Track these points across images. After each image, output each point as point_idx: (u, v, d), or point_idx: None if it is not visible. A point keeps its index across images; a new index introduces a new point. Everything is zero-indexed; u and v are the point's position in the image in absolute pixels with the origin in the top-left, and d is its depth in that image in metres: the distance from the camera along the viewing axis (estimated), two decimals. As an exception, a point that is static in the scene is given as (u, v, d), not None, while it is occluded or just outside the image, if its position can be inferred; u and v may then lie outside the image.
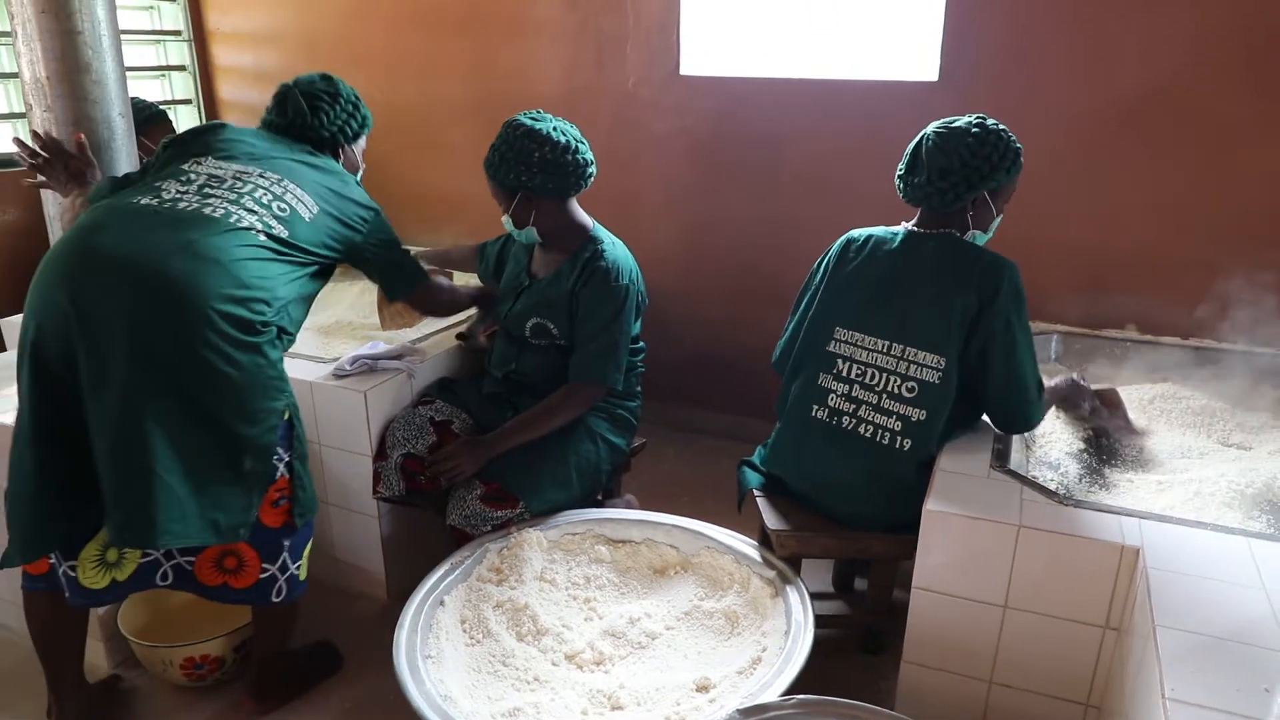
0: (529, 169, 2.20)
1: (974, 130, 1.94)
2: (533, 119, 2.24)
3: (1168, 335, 2.74)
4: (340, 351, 2.52)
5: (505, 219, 2.31)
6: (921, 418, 1.99)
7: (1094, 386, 2.29)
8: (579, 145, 2.26)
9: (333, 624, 2.39)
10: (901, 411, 2.00)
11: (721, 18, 3.18)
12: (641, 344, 2.50)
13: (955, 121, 1.99)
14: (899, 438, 2.00)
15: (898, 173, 2.07)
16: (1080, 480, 2.07)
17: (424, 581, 1.99)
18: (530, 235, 2.32)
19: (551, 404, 2.28)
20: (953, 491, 1.79)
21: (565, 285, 2.29)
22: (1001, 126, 1.98)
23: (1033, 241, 2.81)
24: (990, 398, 2.01)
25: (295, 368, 2.38)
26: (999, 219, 2.07)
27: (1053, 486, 1.96)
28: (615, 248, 2.34)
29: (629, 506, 2.54)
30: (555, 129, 2.23)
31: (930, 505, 1.75)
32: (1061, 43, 2.70)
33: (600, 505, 2.43)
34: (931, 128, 2.01)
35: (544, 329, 2.32)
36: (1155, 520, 1.68)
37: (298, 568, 1.94)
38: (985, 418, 2.10)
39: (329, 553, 2.51)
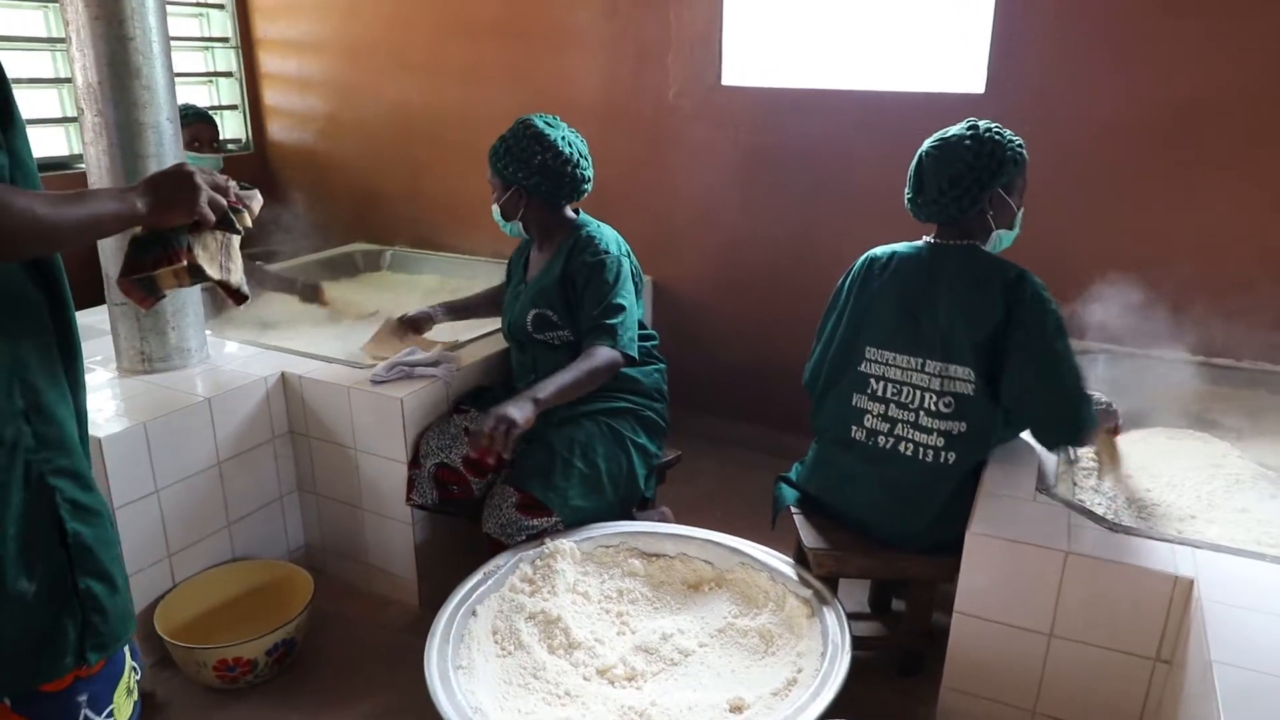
0: (527, 168, 2.26)
1: (969, 134, 1.95)
2: (546, 123, 2.30)
3: (1220, 357, 2.66)
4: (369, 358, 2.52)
5: (494, 207, 2.38)
6: (962, 430, 1.96)
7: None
8: (581, 160, 2.32)
9: (364, 629, 2.39)
10: (941, 427, 1.97)
11: (764, 28, 3.15)
12: (653, 332, 2.50)
13: (948, 133, 1.99)
14: (943, 453, 1.97)
15: (906, 195, 2.06)
16: (1130, 505, 2.02)
17: (457, 590, 1.98)
18: (516, 229, 2.39)
19: (582, 371, 2.17)
20: (997, 514, 1.75)
21: (555, 273, 2.32)
22: (994, 125, 1.97)
23: (1079, 255, 2.76)
24: (1035, 412, 1.96)
25: (333, 372, 2.40)
26: (1021, 212, 2.04)
27: (1100, 511, 1.91)
28: (600, 229, 2.37)
29: (663, 519, 2.52)
30: (563, 139, 2.29)
31: (974, 528, 1.71)
32: (1111, 54, 2.64)
33: (634, 518, 2.41)
34: (927, 144, 2.02)
35: (544, 319, 2.32)
36: (1210, 549, 1.63)
37: (109, 715, 1.31)
38: (1026, 436, 2.06)
39: (362, 559, 2.52)
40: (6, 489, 1.13)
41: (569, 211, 2.40)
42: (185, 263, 1.31)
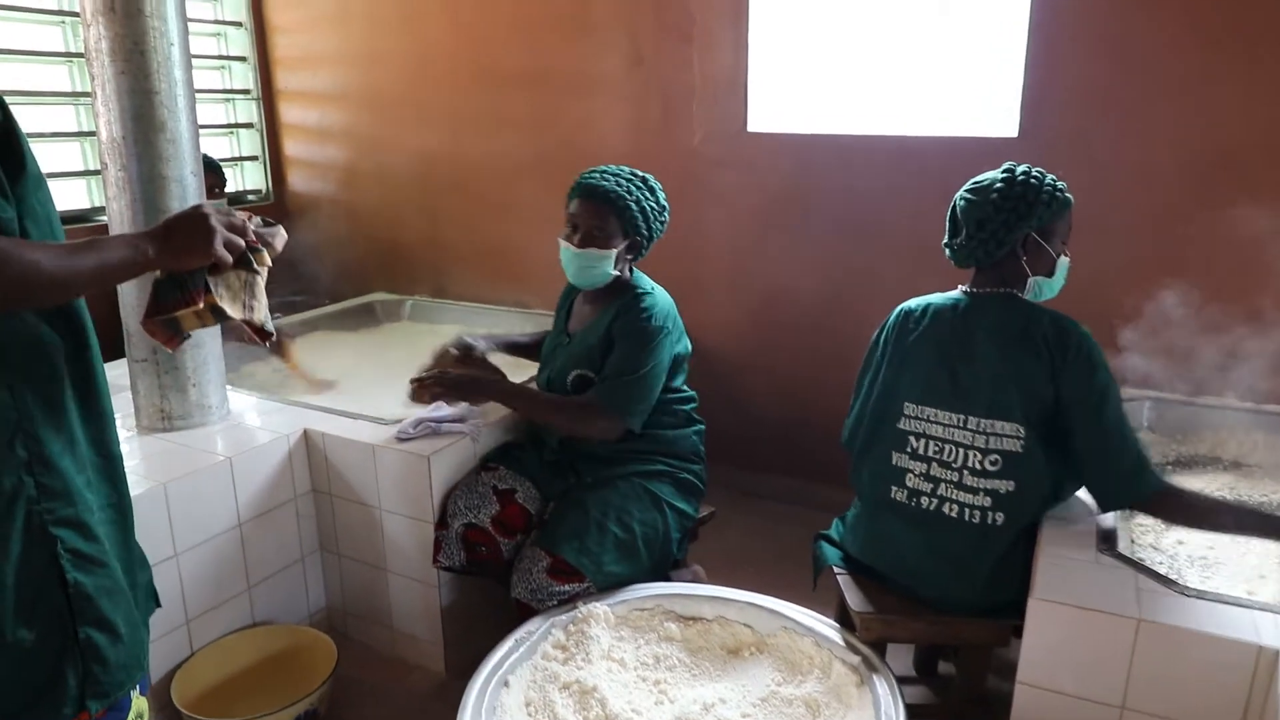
0: (652, 222, 2.25)
1: (1001, 177, 1.89)
2: None
3: (1270, 403, 2.57)
4: (401, 412, 2.45)
5: (584, 252, 2.19)
6: (1010, 489, 1.86)
7: None
8: None
9: (387, 696, 2.30)
10: (988, 486, 1.88)
11: (791, 73, 3.13)
12: (692, 393, 2.41)
13: (984, 177, 1.94)
14: (990, 513, 1.87)
15: (944, 241, 2.01)
16: (1191, 564, 1.92)
17: (487, 659, 1.89)
18: (600, 279, 2.24)
19: (569, 404, 2.22)
20: (1060, 578, 1.65)
21: (600, 331, 2.24)
22: (1035, 170, 1.90)
23: (1120, 301, 2.68)
24: (1086, 471, 1.87)
25: (357, 429, 2.34)
26: (1065, 261, 1.95)
27: (1162, 571, 1.82)
28: (655, 293, 2.29)
29: (695, 578, 2.43)
30: None
31: (1037, 593, 1.61)
32: (1148, 95, 2.59)
33: (667, 578, 2.32)
34: (963, 188, 1.96)
35: (585, 380, 2.24)
36: (1292, 616, 1.53)
37: None
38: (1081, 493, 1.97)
39: (385, 622, 2.43)
40: (6, 539, 1.13)
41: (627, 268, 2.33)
42: (202, 304, 1.31)
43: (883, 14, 2.98)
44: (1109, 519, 1.91)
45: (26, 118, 3.31)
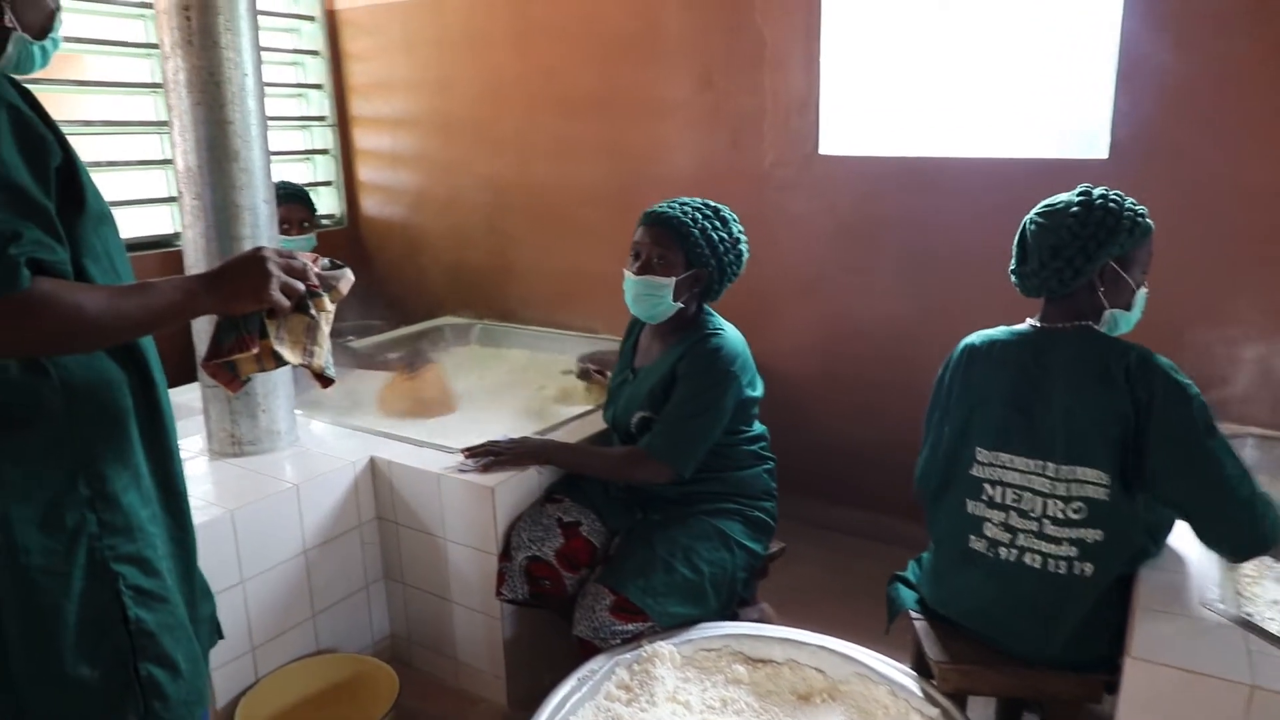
0: (722, 255, 2.16)
1: (1078, 200, 1.74)
2: None
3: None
4: (465, 439, 2.43)
5: (645, 280, 2.15)
6: (1099, 538, 1.72)
7: None
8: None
9: (450, 730, 2.27)
10: (1073, 535, 1.74)
11: (865, 94, 3.04)
12: (762, 429, 2.33)
13: (1057, 199, 1.79)
14: (1077, 564, 1.74)
15: (1010, 268, 1.87)
16: (1308, 621, 1.77)
17: (549, 698, 1.84)
18: (663, 311, 2.18)
19: (611, 456, 2.25)
20: (1160, 636, 1.53)
21: (663, 370, 2.18)
22: (1113, 193, 1.75)
23: (1216, 333, 2.53)
24: (1201, 521, 1.73)
25: (423, 458, 2.33)
26: (1143, 292, 1.81)
27: (1274, 627, 1.68)
28: (726, 333, 2.20)
29: (763, 617, 2.35)
30: None
31: (1135, 652, 1.49)
32: (1253, 113, 2.44)
33: (734, 616, 2.24)
34: (1033, 212, 1.82)
35: (650, 423, 2.18)
36: None
37: None
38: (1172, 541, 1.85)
39: (448, 653, 2.40)
40: (68, 576, 1.13)
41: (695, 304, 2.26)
42: (257, 350, 1.27)
43: (960, 30, 2.88)
44: (1212, 568, 1.78)
45: (114, 146, 3.43)
